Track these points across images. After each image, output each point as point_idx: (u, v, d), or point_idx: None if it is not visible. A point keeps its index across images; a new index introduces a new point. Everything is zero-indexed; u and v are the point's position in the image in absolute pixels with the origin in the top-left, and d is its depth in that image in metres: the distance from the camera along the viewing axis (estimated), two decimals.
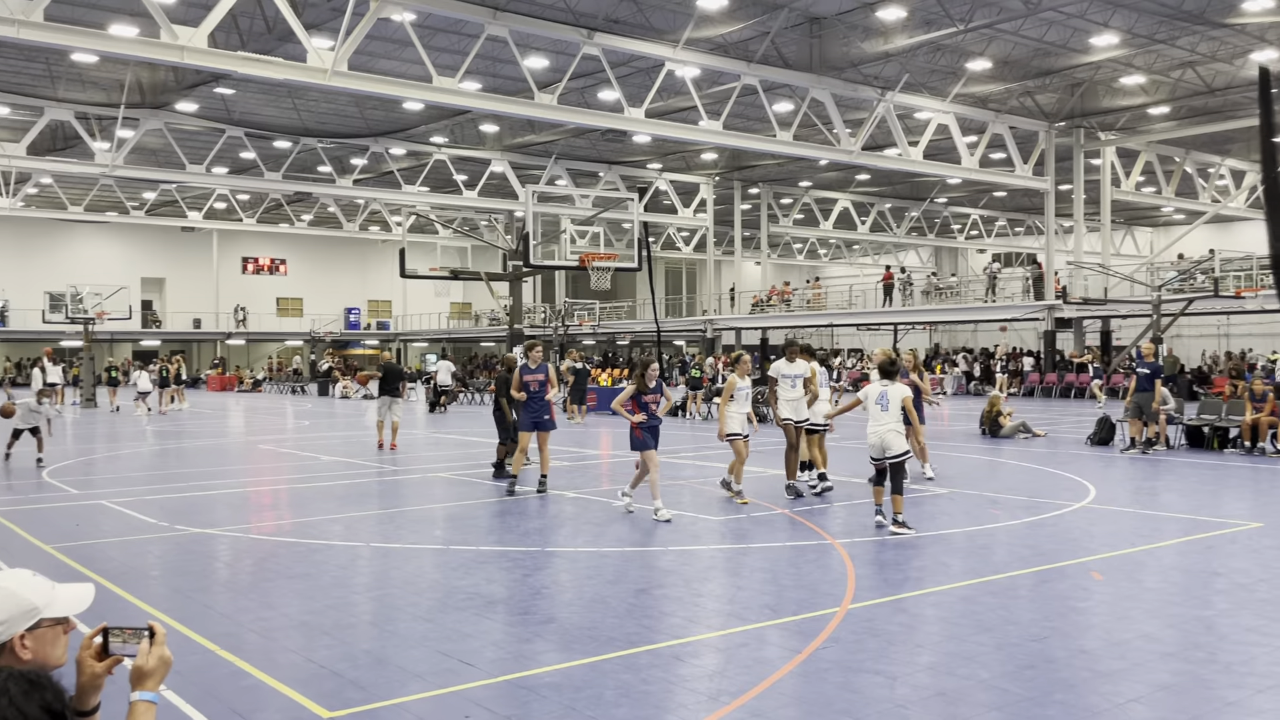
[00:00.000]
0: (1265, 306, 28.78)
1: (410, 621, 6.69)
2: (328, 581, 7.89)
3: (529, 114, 25.84)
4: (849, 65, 27.91)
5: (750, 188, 48.16)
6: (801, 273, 65.59)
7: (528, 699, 5.19)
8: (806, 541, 9.29)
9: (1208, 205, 39.82)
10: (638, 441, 10.72)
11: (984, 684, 5.36)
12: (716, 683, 5.42)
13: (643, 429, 10.66)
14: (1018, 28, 25.91)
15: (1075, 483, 13.09)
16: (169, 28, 18.83)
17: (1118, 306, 34.94)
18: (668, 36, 25.12)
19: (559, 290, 55.23)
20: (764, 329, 48.97)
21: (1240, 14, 24.41)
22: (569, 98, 27.66)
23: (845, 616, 6.66)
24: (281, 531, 10.20)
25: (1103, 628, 6.43)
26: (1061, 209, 38.87)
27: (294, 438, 22.20)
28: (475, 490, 12.99)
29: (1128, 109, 33.67)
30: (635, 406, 10.73)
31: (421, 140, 38.13)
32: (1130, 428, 16.96)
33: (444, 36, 26.38)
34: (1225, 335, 47.37)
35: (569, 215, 28.93)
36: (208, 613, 6.99)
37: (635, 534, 9.78)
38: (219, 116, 34.21)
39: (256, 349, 63.92)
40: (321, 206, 49.29)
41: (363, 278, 65.63)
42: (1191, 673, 5.54)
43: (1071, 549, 8.85)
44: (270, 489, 13.89)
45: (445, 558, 8.79)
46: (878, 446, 9.86)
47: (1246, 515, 10.58)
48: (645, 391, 10.77)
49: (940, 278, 53.11)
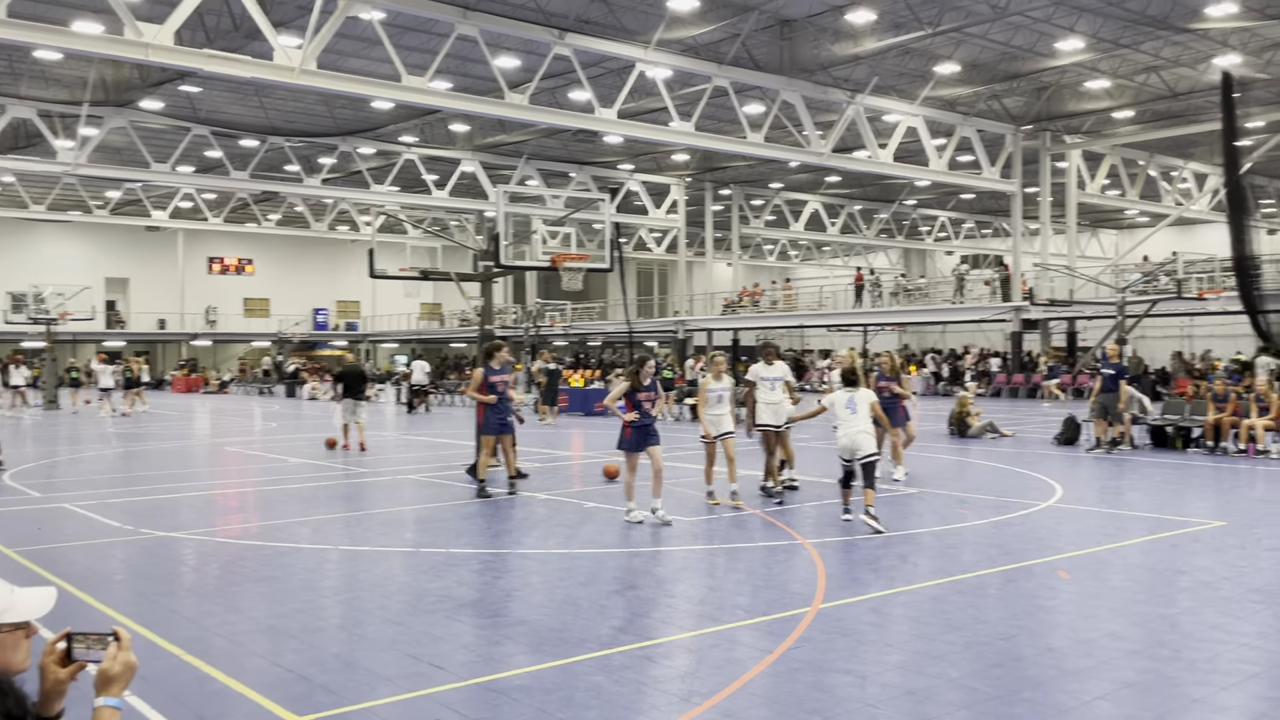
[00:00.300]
0: (1227, 308, 29.17)
1: (379, 625, 6.64)
2: (295, 585, 7.82)
3: (500, 114, 25.76)
4: (819, 68, 28.06)
5: (721, 189, 48.29)
6: (773, 274, 65.82)
7: (498, 702, 5.17)
8: (777, 542, 9.31)
9: (1171, 208, 40.37)
10: (626, 441, 10.34)
11: (953, 682, 5.39)
12: (688, 683, 5.42)
13: (634, 429, 10.25)
14: (985, 31, 26.16)
15: (1042, 482, 13.22)
16: (134, 25, 18.61)
17: (1083, 308, 35.33)
18: (639, 37, 25.14)
19: (530, 291, 55.08)
20: (735, 330, 49.09)
21: (1203, 19, 24.76)
22: (540, 98, 27.60)
23: (816, 616, 6.68)
24: (248, 534, 10.10)
25: (1069, 626, 6.49)
26: (1028, 211, 39.26)
27: (261, 439, 22.00)
28: (446, 492, 12.92)
29: (1093, 113, 34.08)
30: (629, 405, 10.30)
31: (391, 140, 37.91)
32: (1095, 428, 17.16)
33: (413, 35, 26.24)
34: (1188, 336, 48.00)
35: (540, 216, 28.79)
36: (173, 617, 6.91)
37: (607, 536, 9.77)
38: (184, 115, 33.84)
39: (223, 350, 63.29)
40: (289, 206, 48.88)
41: (331, 278, 65.14)
42: (1157, 670, 5.61)
43: (1039, 548, 8.94)
44: (236, 491, 13.76)
45: (415, 560, 8.74)
46: (848, 448, 9.98)
47: (1209, 514, 10.73)
48: (639, 389, 10.33)
49: (909, 279, 53.46)
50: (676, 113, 27.02)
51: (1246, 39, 26.57)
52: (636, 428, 10.27)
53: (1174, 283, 32.56)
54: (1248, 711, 4.98)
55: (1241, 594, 7.25)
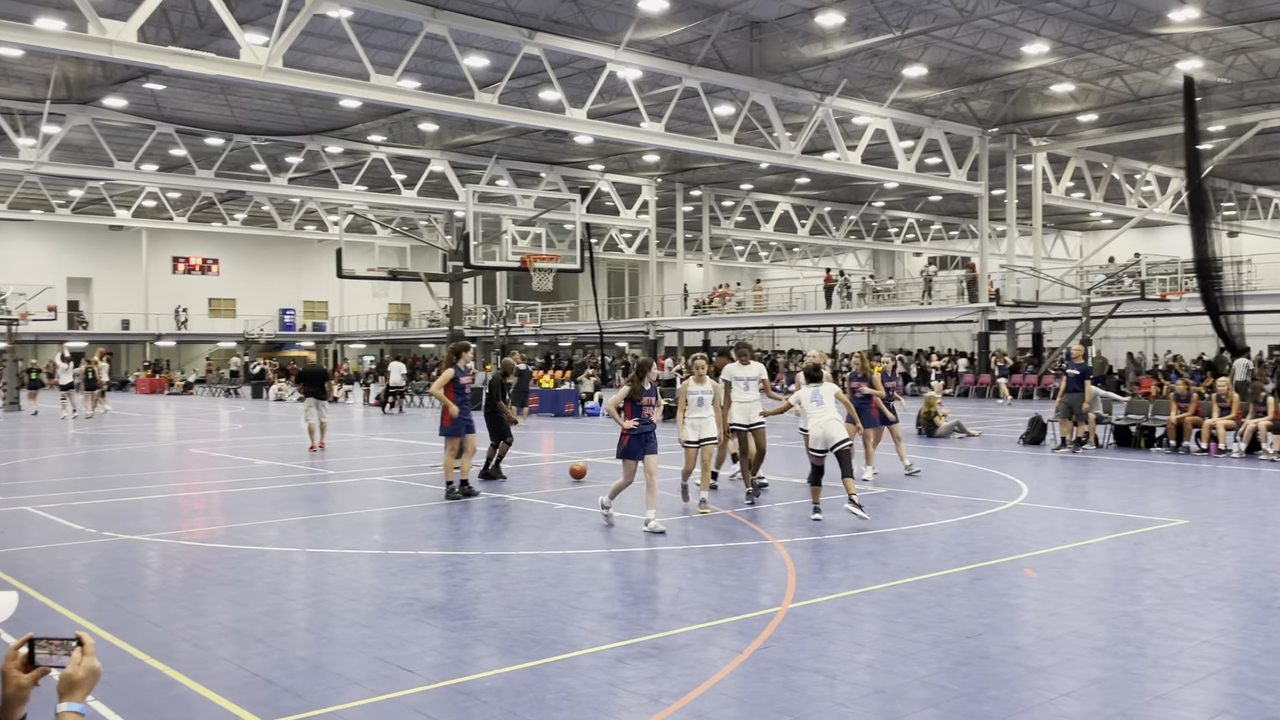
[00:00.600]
0: (1189, 309, 29.61)
1: (347, 628, 6.59)
2: (261, 588, 7.74)
3: (469, 113, 25.65)
4: (789, 69, 28.18)
5: (692, 190, 48.38)
6: (743, 275, 66.03)
7: (468, 704, 5.15)
8: (747, 542, 9.34)
9: (1134, 210, 40.89)
10: (623, 449, 9.98)
11: (921, 681, 5.43)
12: (658, 684, 5.42)
13: (633, 436, 9.90)
14: (952, 35, 26.38)
15: (1008, 481, 13.35)
16: (97, 22, 18.37)
17: (1049, 309, 35.72)
18: (609, 38, 25.13)
19: (500, 291, 54.93)
20: (706, 330, 49.20)
21: (1166, 24, 25.11)
22: (510, 97, 27.53)
23: (786, 616, 6.70)
24: (213, 537, 10.00)
25: (1035, 624, 6.56)
26: (994, 213, 39.63)
27: (227, 441, 21.78)
28: (415, 494, 12.85)
29: (1058, 116, 34.45)
30: (629, 411, 9.97)
31: (359, 139, 37.66)
32: (1061, 427, 17.35)
33: (382, 34, 26.09)
34: (1151, 337, 48.69)
35: (510, 216, 28.80)
36: (137, 621, 6.82)
37: (577, 537, 9.76)
38: (149, 113, 33.45)
39: (188, 350, 62.60)
40: (255, 205, 48.42)
41: (298, 278, 64.59)
42: (1121, 667, 5.68)
43: (1005, 546, 9.02)
44: (202, 494, 13.61)
45: (383, 562, 8.68)
46: (820, 438, 10.16)
47: (1172, 512, 10.88)
48: (640, 395, 10.01)
49: (878, 280, 53.80)
50: (647, 113, 27.04)
51: (1208, 44, 26.97)
52: (635, 435, 9.95)
53: (1137, 284, 32.98)
54: (1209, 708, 5.05)
55: (1203, 591, 7.36)
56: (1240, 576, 7.83)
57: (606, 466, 15.55)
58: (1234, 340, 24.03)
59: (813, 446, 10.36)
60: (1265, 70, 28.74)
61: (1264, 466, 14.96)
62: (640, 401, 10.00)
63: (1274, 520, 10.47)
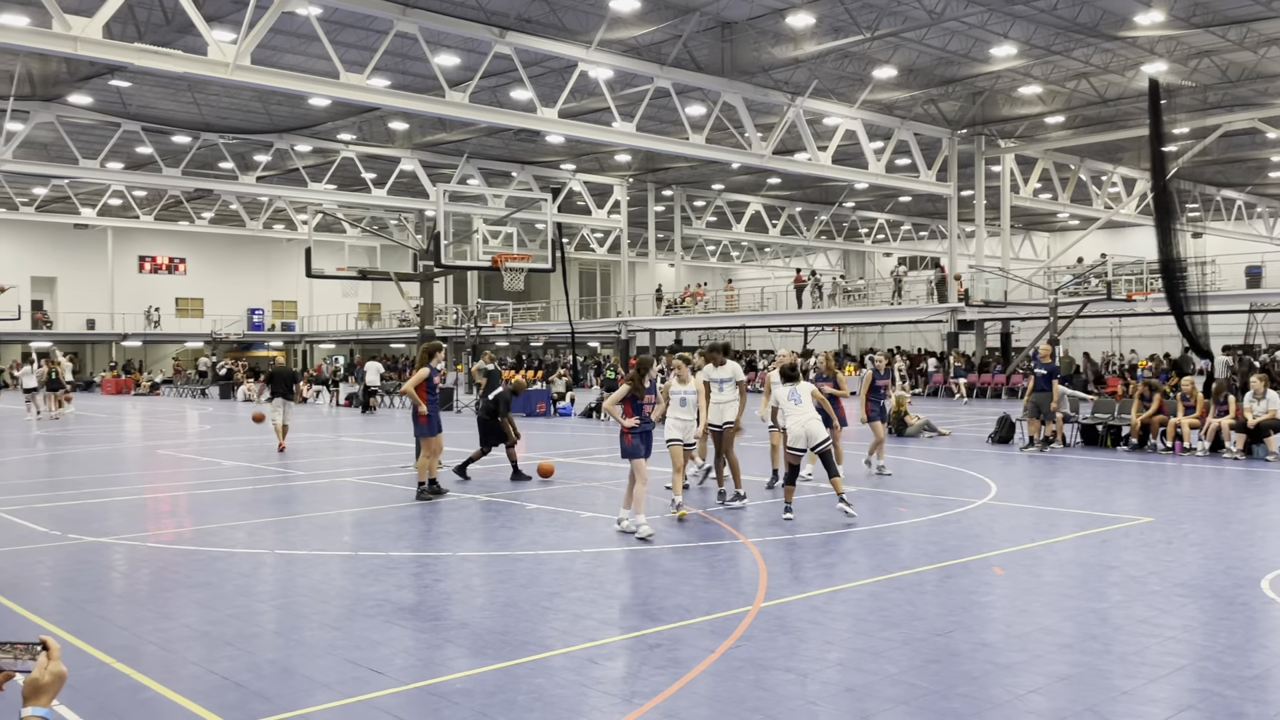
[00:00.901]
0: (1155, 309, 29.98)
1: (317, 630, 6.55)
2: (230, 590, 7.67)
3: (440, 112, 25.55)
4: (760, 70, 28.28)
5: (664, 189, 48.43)
6: (715, 275, 66.18)
7: (439, 706, 5.12)
8: (719, 541, 9.35)
9: (1101, 211, 41.35)
10: (628, 449, 9.79)
11: (891, 679, 5.46)
12: (630, 684, 5.42)
13: (634, 434, 9.76)
14: (922, 37, 26.57)
15: (977, 480, 13.46)
16: (61, 18, 18.13)
17: (1017, 309, 36.06)
18: (580, 37, 25.10)
19: (471, 291, 54.73)
20: (678, 330, 49.26)
21: (1132, 27, 25.42)
22: (481, 96, 27.44)
23: (757, 615, 6.72)
24: (181, 539, 9.89)
25: (1004, 621, 6.61)
26: (963, 214, 39.95)
27: (194, 442, 21.56)
28: (385, 494, 12.78)
29: (1026, 118, 34.79)
30: (629, 410, 9.83)
31: (328, 137, 37.40)
32: (1029, 426, 17.51)
33: (351, 32, 25.93)
34: (1118, 337, 49.26)
35: (481, 215, 28.72)
36: (103, 624, 6.74)
37: (549, 537, 9.74)
38: (114, 110, 33.06)
39: (155, 350, 61.92)
40: (223, 204, 47.98)
41: (267, 277, 64.07)
42: (1088, 664, 5.74)
43: (974, 545, 9.09)
44: (169, 495, 13.46)
45: (353, 564, 8.62)
46: (801, 437, 10.20)
47: (1138, 510, 11.01)
48: (641, 393, 9.87)
49: (849, 280, 54.10)
50: (618, 113, 27.05)
51: (1173, 47, 27.32)
52: (638, 433, 9.79)
53: (1104, 285, 33.36)
54: (1174, 703, 5.12)
55: (1168, 588, 7.45)
56: (1204, 573, 7.94)
57: (578, 466, 15.54)
58: (1198, 340, 24.36)
59: (792, 445, 10.39)
60: (1228, 73, 29.16)
61: (1227, 464, 15.18)
62: (641, 400, 9.88)
63: (1237, 518, 10.63)
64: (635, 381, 9.93)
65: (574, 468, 15.39)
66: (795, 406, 10.39)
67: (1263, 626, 6.53)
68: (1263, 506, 11.42)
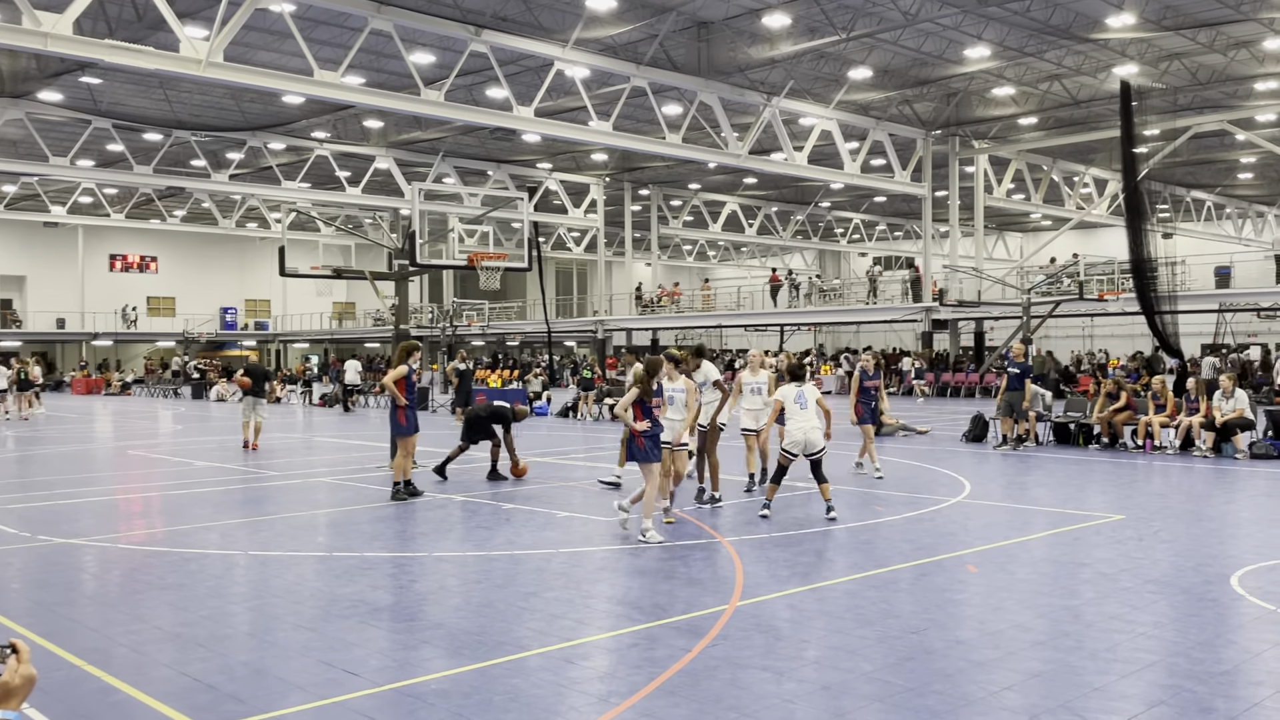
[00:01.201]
0: (1126, 309, 30.27)
1: (290, 631, 6.50)
2: (203, 592, 7.60)
3: (415, 110, 25.43)
4: (736, 70, 28.33)
5: (640, 189, 48.44)
6: (691, 274, 66.26)
7: (414, 707, 5.10)
8: (695, 540, 9.36)
9: (1073, 212, 41.71)
10: (639, 452, 9.49)
11: (866, 676, 5.49)
12: (607, 684, 5.41)
13: (646, 438, 9.48)
14: (897, 38, 26.71)
15: (951, 478, 13.54)
16: (31, 13, 17.91)
17: (990, 308, 36.31)
18: (557, 36, 25.07)
19: (447, 290, 54.52)
20: (654, 330, 49.29)
21: (1103, 29, 25.65)
22: (456, 95, 27.34)
23: (734, 614, 6.74)
24: (152, 540, 9.80)
25: (978, 618, 6.66)
26: (938, 214, 40.21)
27: (166, 442, 21.36)
28: (360, 495, 12.71)
29: (999, 119, 35.03)
30: (639, 413, 9.52)
31: (302, 135, 37.15)
32: (1002, 425, 17.64)
33: (326, 29, 25.77)
34: (1089, 336, 49.71)
35: (457, 214, 28.53)
36: (74, 627, 6.66)
37: (525, 537, 9.72)
38: (85, 107, 32.69)
39: (126, 350, 61.29)
40: (195, 202, 47.54)
41: (240, 276, 63.55)
42: (1061, 660, 5.79)
43: (949, 543, 9.15)
44: (140, 496, 13.33)
45: (327, 565, 8.57)
46: (800, 443, 10.18)
47: (1109, 508, 11.12)
48: (650, 396, 9.63)
49: (824, 280, 54.34)
50: (595, 112, 27.03)
51: (1144, 49, 27.60)
52: (649, 437, 9.51)
53: (1076, 284, 33.65)
54: (1146, 699, 5.17)
55: (1139, 585, 7.53)
56: (1175, 570, 8.02)
57: (554, 466, 15.51)
58: (1169, 339, 24.59)
59: (788, 448, 10.26)
60: (1198, 76, 29.49)
61: (1197, 462, 15.35)
62: (650, 403, 9.63)
63: (1207, 515, 10.75)
64: (645, 384, 9.62)
65: (550, 467, 15.36)
66: (800, 411, 10.29)
67: (1232, 622, 6.61)
68: (1231, 504, 11.56)
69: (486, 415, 13.99)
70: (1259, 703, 5.10)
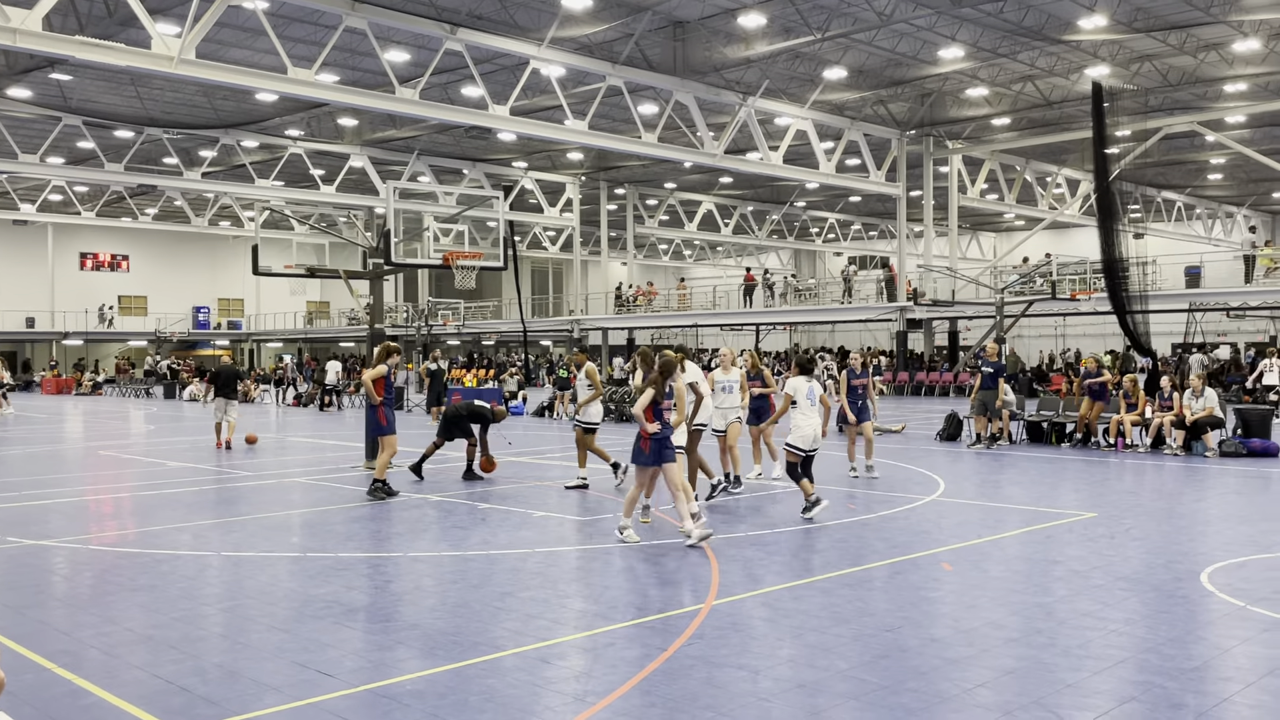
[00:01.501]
0: (1097, 308, 30.55)
1: (264, 632, 6.45)
2: (175, 593, 7.54)
3: (390, 109, 25.30)
4: (712, 70, 28.37)
5: (616, 188, 48.41)
6: (667, 273, 66.29)
7: (390, 708, 5.08)
8: (671, 540, 9.37)
9: (1045, 212, 42.06)
10: (644, 456, 9.25)
11: (841, 674, 5.51)
12: (583, 684, 5.41)
13: (654, 441, 9.19)
14: (871, 38, 26.82)
15: (926, 477, 13.62)
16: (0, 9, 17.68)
17: (964, 308, 36.55)
18: (532, 34, 25.01)
19: (422, 289, 54.29)
20: (630, 329, 49.29)
21: (1076, 31, 25.88)
22: (431, 93, 27.22)
23: (709, 613, 6.75)
24: (124, 542, 9.70)
25: (952, 616, 6.70)
26: (912, 214, 40.39)
27: (138, 443, 21.15)
28: (334, 495, 12.63)
29: (973, 119, 35.27)
30: (650, 415, 9.20)
31: (276, 133, 36.88)
32: (976, 424, 17.77)
33: (299, 26, 25.59)
34: (1062, 335, 50.14)
35: (432, 213, 28.41)
36: (43, 629, 6.59)
37: (500, 537, 9.69)
38: (55, 103, 32.30)
39: (97, 349, 60.63)
40: (167, 200, 47.10)
41: (212, 275, 63.02)
42: (1034, 657, 5.83)
43: (923, 541, 9.20)
44: (111, 497, 13.19)
45: (302, 565, 8.51)
46: (810, 438, 10.22)
47: (1081, 506, 11.22)
48: (662, 397, 9.30)
49: (800, 279, 54.51)
50: (571, 111, 26.98)
51: (1115, 51, 27.87)
52: (657, 440, 9.22)
53: (1048, 284, 33.94)
54: (1117, 695, 5.22)
55: (1111, 582, 7.60)
56: (1146, 567, 8.11)
57: (530, 465, 15.48)
58: (1140, 339, 24.83)
59: (798, 444, 10.23)
60: (1169, 77, 29.80)
61: (1167, 460, 15.52)
62: (661, 405, 9.29)
63: (1177, 512, 10.87)
64: (658, 384, 9.29)
65: (526, 467, 15.33)
66: (810, 407, 10.37)
67: (1202, 619, 6.69)
68: (1201, 502, 11.69)
69: (466, 414, 13.94)
70: (1228, 698, 5.17)
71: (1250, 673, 5.54)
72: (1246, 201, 49.72)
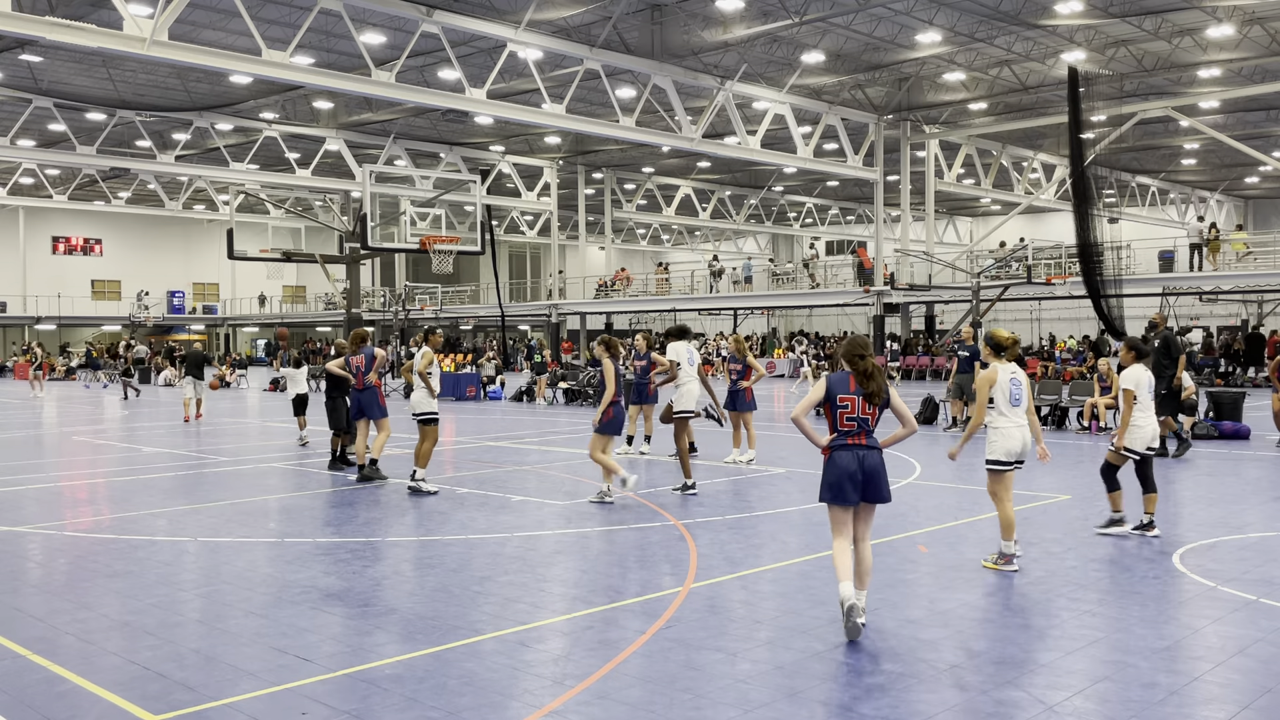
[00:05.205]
0: (1072, 292, 30.79)
1: (242, 618, 6.44)
2: (151, 579, 7.50)
3: (365, 91, 25.09)
4: (690, 53, 28.30)
5: (594, 172, 48.28)
6: (645, 258, 66.22)
7: (368, 692, 5.08)
8: (650, 524, 9.40)
9: (1022, 197, 42.26)
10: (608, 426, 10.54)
11: (819, 656, 5.56)
12: (562, 667, 5.43)
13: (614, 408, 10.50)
14: (849, 22, 26.83)
15: (902, 460, 13.71)
16: None
17: (941, 292, 36.72)
18: (509, 17, 24.86)
19: (399, 273, 54.02)
20: (609, 313, 49.24)
21: (1052, 15, 25.98)
22: (408, 76, 27.04)
23: (688, 595, 6.78)
24: (99, 528, 9.64)
25: (927, 597, 6.77)
26: (889, 199, 40.51)
27: (113, 428, 20.98)
28: (311, 480, 12.59)
29: (950, 104, 35.36)
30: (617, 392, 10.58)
31: (250, 116, 36.53)
32: (952, 407, 17.88)
33: (274, 8, 25.34)
34: (1037, 319, 50.51)
35: (409, 196, 28.30)
36: (18, 616, 6.54)
37: (479, 521, 9.69)
38: (25, 85, 31.88)
39: (70, 334, 60.03)
40: (141, 184, 46.62)
41: (187, 259, 62.48)
42: (1008, 638, 5.90)
43: (899, 523, 9.27)
44: (86, 483, 13.09)
45: (279, 551, 8.49)
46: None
47: (1056, 488, 11.33)
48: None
49: (777, 264, 54.60)
50: (548, 95, 26.86)
51: (1091, 36, 27.99)
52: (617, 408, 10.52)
53: (1024, 268, 34.14)
54: (1090, 675, 5.29)
55: (1084, 563, 7.70)
56: (1118, 549, 8.21)
57: (509, 450, 15.47)
58: (1114, 322, 25.06)
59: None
60: (1144, 63, 29.97)
61: None
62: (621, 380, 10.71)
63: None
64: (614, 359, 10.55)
65: (504, 451, 15.32)
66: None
67: (1174, 599, 6.78)
68: (1173, 484, 11.83)
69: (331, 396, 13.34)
70: (1199, 677, 5.25)
71: (1220, 652, 5.63)
72: (1220, 186, 50.15)
